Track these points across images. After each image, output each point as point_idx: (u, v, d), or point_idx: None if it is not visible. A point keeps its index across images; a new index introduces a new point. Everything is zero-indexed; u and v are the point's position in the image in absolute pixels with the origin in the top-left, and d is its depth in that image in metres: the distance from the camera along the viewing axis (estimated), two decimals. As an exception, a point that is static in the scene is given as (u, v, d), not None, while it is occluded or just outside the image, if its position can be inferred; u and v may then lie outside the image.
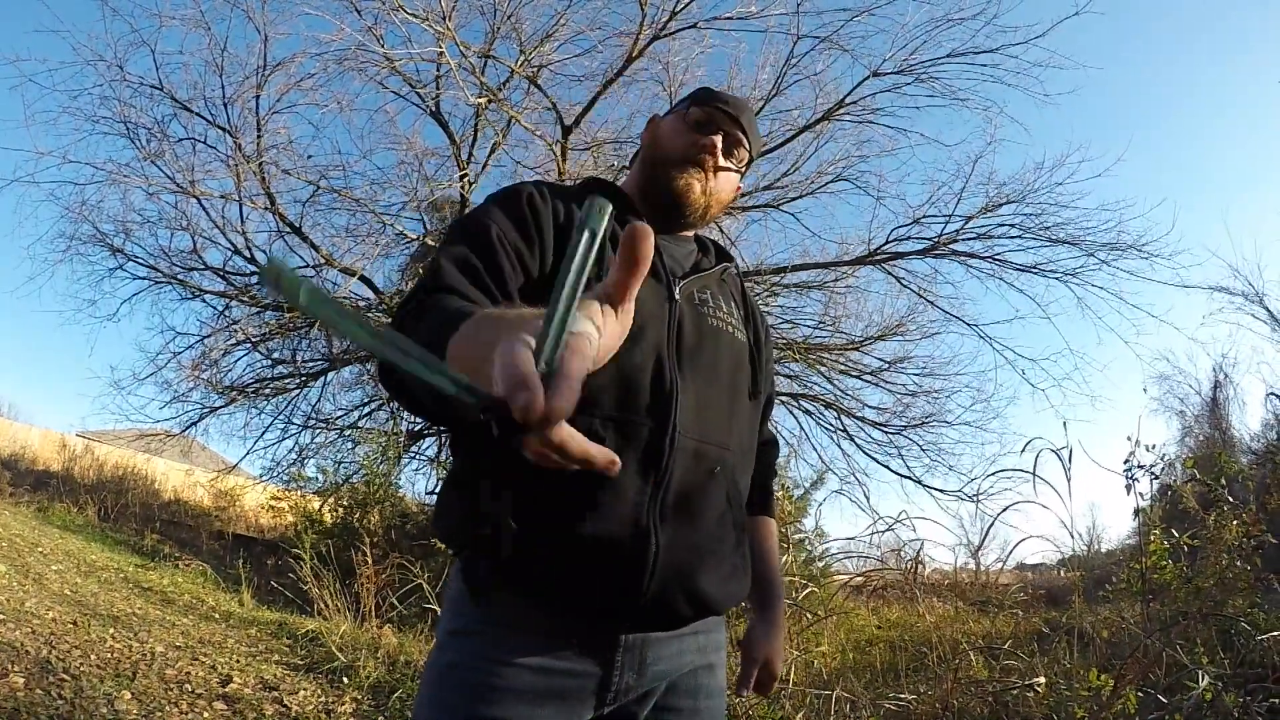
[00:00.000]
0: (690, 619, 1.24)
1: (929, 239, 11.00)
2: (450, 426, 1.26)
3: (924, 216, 11.05)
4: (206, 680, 4.68)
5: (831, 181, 11.37)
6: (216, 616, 6.97)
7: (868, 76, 10.38)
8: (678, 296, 1.30)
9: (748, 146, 1.46)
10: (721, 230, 10.23)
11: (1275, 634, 4.13)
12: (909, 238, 11.18)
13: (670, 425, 1.19)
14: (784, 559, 6.25)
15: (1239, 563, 4.39)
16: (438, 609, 5.83)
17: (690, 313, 1.32)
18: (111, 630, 5.43)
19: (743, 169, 1.49)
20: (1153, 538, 4.27)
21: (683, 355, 1.25)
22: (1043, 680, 3.64)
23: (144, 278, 11.71)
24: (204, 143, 10.72)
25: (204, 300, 11.97)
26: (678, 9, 9.83)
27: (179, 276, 11.71)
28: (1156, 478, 4.50)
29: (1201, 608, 4.25)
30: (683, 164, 1.40)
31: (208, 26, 10.15)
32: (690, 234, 1.51)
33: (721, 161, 1.42)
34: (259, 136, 10.49)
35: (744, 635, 1.49)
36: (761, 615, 1.51)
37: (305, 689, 4.91)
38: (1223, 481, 4.68)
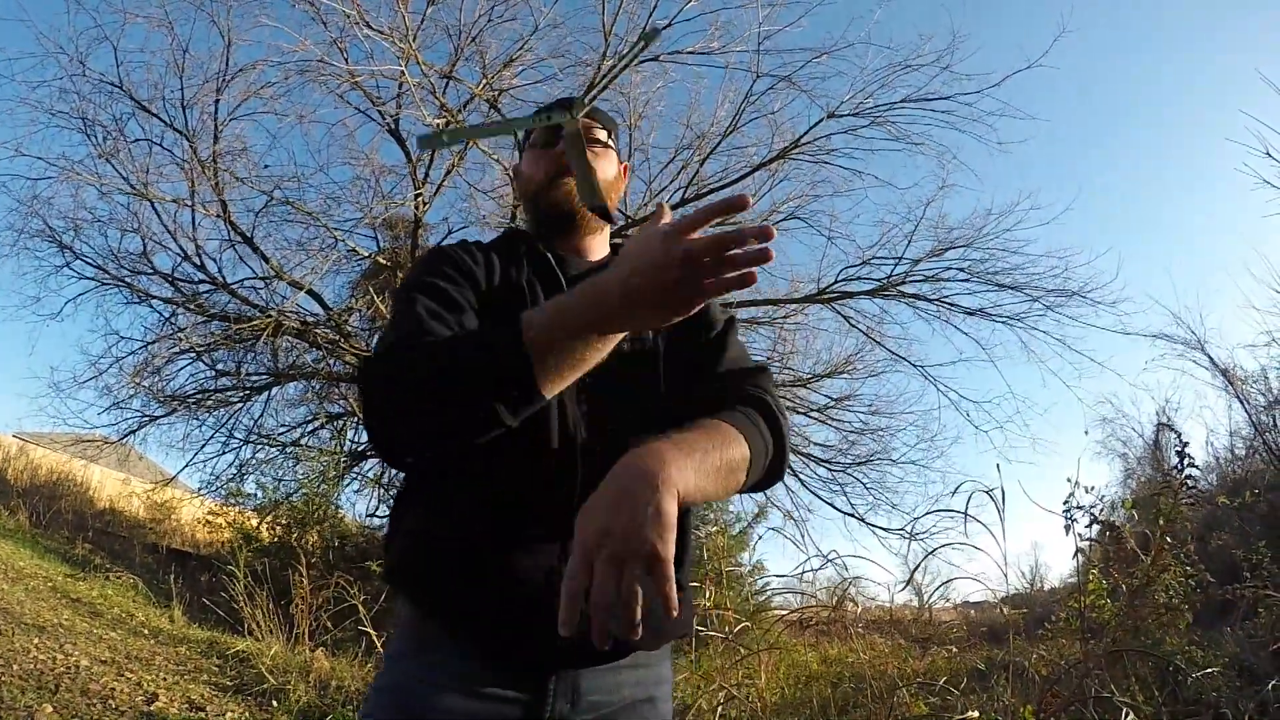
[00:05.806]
0: (625, 650, 1.19)
1: (878, 280, 11.25)
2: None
3: (874, 257, 11.33)
4: (131, 697, 4.53)
5: (785, 220, 11.54)
6: (145, 632, 6.77)
7: (824, 118, 10.63)
8: None
9: (600, 123, 1.47)
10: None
11: (1211, 670, 4.18)
12: (859, 278, 11.44)
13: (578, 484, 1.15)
14: (720, 596, 6.18)
15: (1175, 599, 4.46)
16: (373, 633, 5.71)
17: None
18: (36, 640, 5.25)
19: (610, 143, 1.49)
20: (1091, 577, 4.32)
21: (590, 390, 1.21)
22: (976, 715, 3.65)
23: (91, 278, 11.47)
24: (160, 145, 10.59)
25: (150, 305, 11.77)
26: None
27: (126, 279, 11.47)
28: (1096, 520, 4.56)
29: (1139, 644, 4.30)
30: (551, 181, 1.41)
31: (171, 26, 10.05)
32: (600, 256, 1.48)
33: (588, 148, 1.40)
34: (215, 142, 10.33)
35: None
36: None
37: (233, 711, 4.76)
38: (1161, 523, 4.75)
